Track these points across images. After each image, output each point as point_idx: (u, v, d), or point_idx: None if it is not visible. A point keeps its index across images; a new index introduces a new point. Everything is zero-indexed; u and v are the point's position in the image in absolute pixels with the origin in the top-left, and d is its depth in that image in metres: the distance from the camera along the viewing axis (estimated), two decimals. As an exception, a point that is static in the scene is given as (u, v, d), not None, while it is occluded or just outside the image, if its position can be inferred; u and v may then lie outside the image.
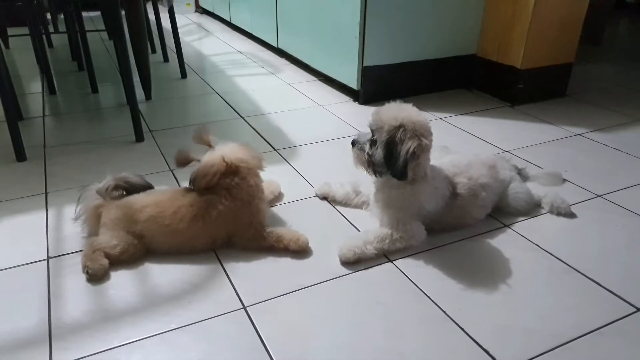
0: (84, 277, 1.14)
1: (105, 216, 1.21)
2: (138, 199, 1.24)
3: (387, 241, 1.20)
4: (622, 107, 2.21)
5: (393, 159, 1.13)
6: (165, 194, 1.25)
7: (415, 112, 1.17)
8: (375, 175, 1.23)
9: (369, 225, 1.30)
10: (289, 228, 1.28)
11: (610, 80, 2.63)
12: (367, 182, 1.34)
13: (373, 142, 1.19)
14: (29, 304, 1.06)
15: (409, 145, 1.11)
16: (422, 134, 1.14)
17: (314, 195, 1.47)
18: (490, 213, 1.37)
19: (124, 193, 1.27)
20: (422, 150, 1.14)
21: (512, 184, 1.38)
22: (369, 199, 1.34)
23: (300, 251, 1.22)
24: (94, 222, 1.23)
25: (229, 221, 1.21)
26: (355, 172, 1.30)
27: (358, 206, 1.41)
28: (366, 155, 1.20)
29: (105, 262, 1.15)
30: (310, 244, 1.24)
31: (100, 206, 1.23)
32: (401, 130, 1.13)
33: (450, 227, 1.31)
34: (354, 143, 1.24)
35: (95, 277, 1.13)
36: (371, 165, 1.20)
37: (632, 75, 2.73)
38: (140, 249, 1.19)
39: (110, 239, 1.17)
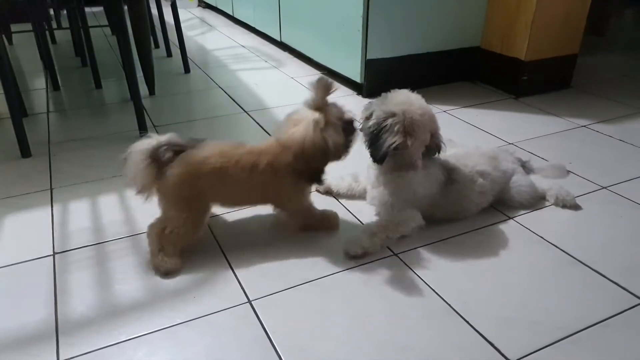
0: (89, 272, 1.15)
1: (164, 186, 1.13)
2: (198, 151, 1.15)
3: (390, 227, 1.21)
4: (627, 98, 2.20)
5: (377, 143, 1.16)
6: (225, 144, 1.20)
7: (418, 106, 1.17)
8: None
9: (373, 218, 1.31)
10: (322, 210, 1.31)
11: (615, 71, 2.61)
12: (364, 173, 1.37)
13: (370, 114, 1.22)
14: (35, 300, 1.07)
15: (394, 140, 1.13)
16: (411, 132, 1.15)
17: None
18: (494, 206, 1.37)
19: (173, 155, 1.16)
20: (406, 146, 1.15)
21: (515, 176, 1.38)
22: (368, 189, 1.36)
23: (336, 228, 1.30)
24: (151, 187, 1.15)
25: (274, 175, 1.16)
26: (356, 166, 1.30)
27: (362, 195, 1.41)
28: (362, 120, 1.24)
29: (174, 261, 1.14)
30: (314, 238, 1.26)
31: (159, 171, 1.12)
32: (392, 119, 1.15)
33: (452, 214, 1.32)
34: (366, 107, 1.25)
35: (171, 275, 1.13)
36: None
37: (637, 66, 2.71)
38: (207, 212, 1.20)
39: (177, 217, 1.13)
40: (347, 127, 1.17)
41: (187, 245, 1.18)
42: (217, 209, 1.31)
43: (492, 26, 2.26)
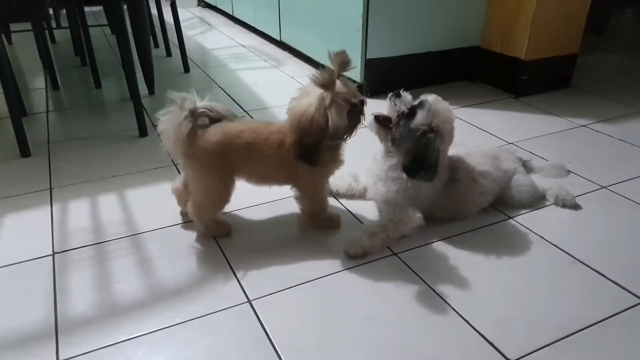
0: (89, 272, 1.15)
1: (197, 152, 1.13)
2: (233, 125, 1.18)
3: (390, 227, 1.21)
4: (627, 98, 2.20)
5: (424, 162, 1.14)
6: (257, 121, 1.24)
7: (453, 121, 1.22)
8: (386, 132, 1.23)
9: (373, 217, 1.31)
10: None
11: (615, 70, 2.61)
12: (364, 172, 1.38)
13: (412, 112, 1.18)
14: (35, 300, 1.07)
15: (442, 164, 1.17)
16: (448, 147, 1.22)
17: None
18: (494, 205, 1.37)
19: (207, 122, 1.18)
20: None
21: (515, 176, 1.37)
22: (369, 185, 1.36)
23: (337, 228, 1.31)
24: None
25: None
26: (354, 165, 1.30)
27: (362, 194, 1.41)
28: (396, 112, 1.20)
29: (226, 226, 1.26)
30: (314, 238, 1.26)
31: (196, 133, 1.13)
32: (439, 137, 1.16)
33: (453, 213, 1.32)
34: (398, 95, 1.21)
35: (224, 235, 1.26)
36: (390, 122, 1.21)
37: (637, 66, 2.71)
38: (232, 187, 1.21)
39: (218, 183, 1.17)
40: (354, 110, 1.14)
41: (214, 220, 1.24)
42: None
43: (492, 26, 2.26)
